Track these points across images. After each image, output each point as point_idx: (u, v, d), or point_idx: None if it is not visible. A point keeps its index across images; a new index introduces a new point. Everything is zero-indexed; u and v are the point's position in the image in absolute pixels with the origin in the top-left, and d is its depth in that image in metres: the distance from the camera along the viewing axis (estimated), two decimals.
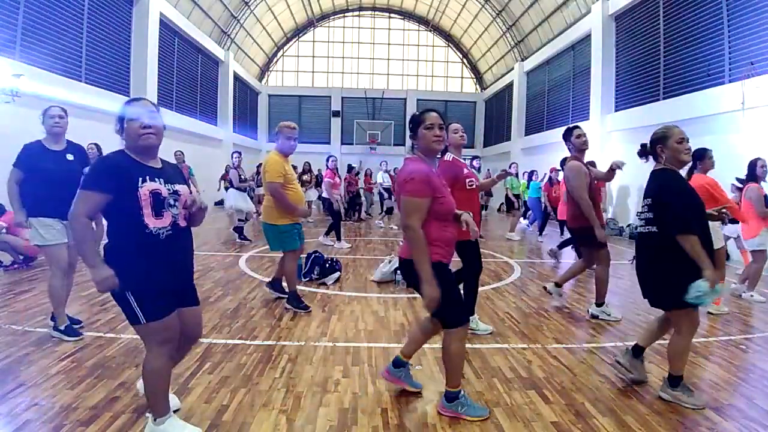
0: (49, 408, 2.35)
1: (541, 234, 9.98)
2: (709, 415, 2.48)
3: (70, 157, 3.44)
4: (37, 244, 3.41)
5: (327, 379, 2.81)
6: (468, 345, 3.47)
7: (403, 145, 22.64)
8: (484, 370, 3.04)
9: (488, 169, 20.46)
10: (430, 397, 2.63)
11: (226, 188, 8.97)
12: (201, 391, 2.60)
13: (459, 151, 3.70)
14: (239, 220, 8.53)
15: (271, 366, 3.00)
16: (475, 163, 9.46)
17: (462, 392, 2.42)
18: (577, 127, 4.28)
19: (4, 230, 5.70)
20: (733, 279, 5.49)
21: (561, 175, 9.66)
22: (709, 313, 4.39)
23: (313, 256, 5.54)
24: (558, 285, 4.65)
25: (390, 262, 5.62)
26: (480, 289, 4.58)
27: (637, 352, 2.86)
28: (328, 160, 8.98)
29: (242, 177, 8.51)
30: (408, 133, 2.49)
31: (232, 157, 8.74)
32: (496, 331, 3.81)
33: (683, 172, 2.78)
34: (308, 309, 4.24)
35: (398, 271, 5.31)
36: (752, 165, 4.88)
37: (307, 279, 5.38)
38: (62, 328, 3.35)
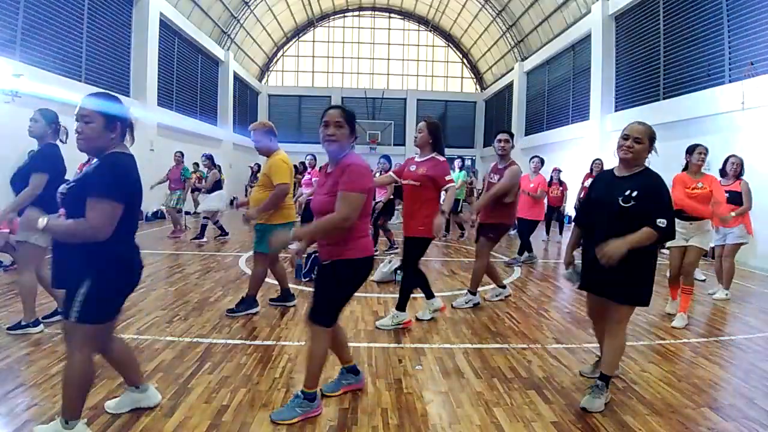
0: (49, 408, 2.35)
1: (547, 233, 9.89)
2: (709, 415, 2.48)
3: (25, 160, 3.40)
4: None
5: (327, 379, 2.80)
6: (468, 345, 3.49)
7: (404, 145, 22.66)
8: (484, 370, 3.04)
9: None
10: (430, 397, 2.63)
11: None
12: (201, 391, 2.59)
13: (422, 152, 3.76)
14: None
15: (271, 366, 2.99)
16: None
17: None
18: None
19: (10, 234, 5.71)
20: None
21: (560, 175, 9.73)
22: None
23: (313, 256, 5.53)
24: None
25: (390, 262, 5.61)
26: (480, 288, 4.60)
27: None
28: (305, 159, 8.45)
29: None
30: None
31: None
32: (496, 331, 3.81)
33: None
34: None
35: (398, 271, 5.31)
36: (725, 160, 5.10)
37: (307, 279, 5.38)
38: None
